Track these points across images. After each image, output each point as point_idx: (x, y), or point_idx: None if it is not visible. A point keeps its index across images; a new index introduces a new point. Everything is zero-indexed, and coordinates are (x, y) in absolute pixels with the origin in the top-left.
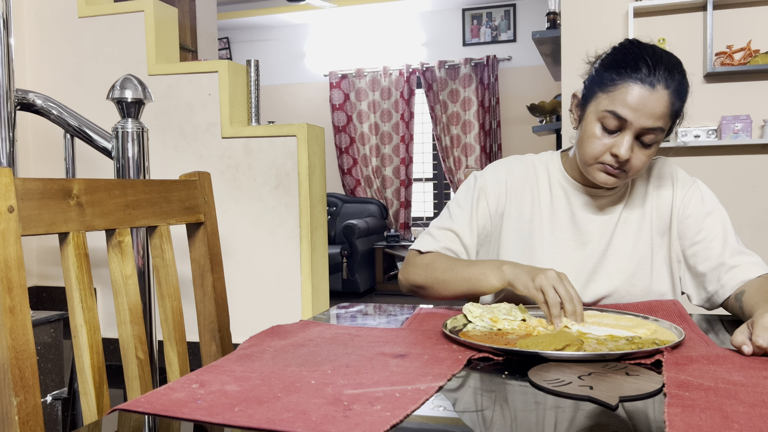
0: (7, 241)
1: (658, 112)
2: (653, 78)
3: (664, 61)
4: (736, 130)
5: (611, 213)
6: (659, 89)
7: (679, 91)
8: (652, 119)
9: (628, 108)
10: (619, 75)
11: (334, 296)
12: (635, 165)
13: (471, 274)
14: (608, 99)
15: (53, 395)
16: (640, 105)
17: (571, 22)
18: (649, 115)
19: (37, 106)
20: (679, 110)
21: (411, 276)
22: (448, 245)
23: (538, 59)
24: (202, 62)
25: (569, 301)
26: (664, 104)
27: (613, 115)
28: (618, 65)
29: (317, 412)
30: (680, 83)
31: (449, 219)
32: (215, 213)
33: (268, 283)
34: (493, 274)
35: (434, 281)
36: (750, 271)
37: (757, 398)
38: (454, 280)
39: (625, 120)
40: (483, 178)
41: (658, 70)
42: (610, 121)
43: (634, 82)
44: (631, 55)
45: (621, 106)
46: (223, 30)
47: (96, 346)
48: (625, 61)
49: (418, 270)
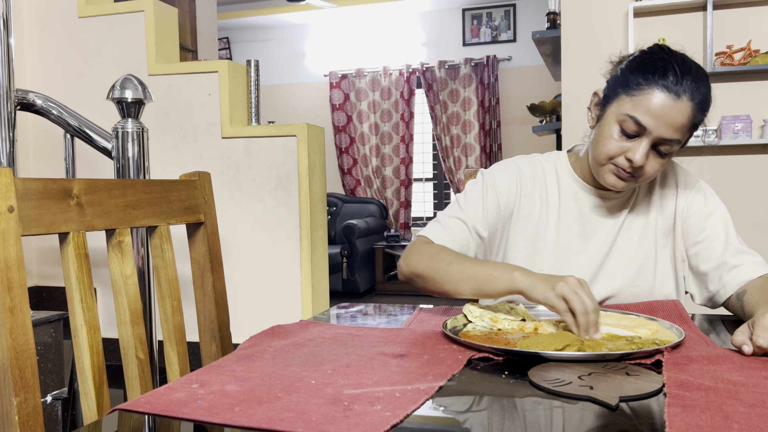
0: (7, 241)
1: (678, 123)
2: (680, 87)
3: (692, 71)
4: (736, 130)
5: (618, 214)
6: (684, 100)
7: (702, 104)
8: (671, 130)
9: (650, 115)
10: (645, 79)
11: (334, 296)
12: (647, 172)
13: (478, 273)
14: (631, 103)
15: (53, 395)
16: (662, 113)
17: (571, 22)
18: (669, 125)
19: (37, 106)
20: (698, 123)
21: (413, 263)
22: (458, 234)
23: (538, 59)
24: (202, 62)
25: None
26: (687, 116)
27: (634, 121)
28: (646, 69)
29: (317, 412)
30: (705, 96)
31: (459, 209)
32: (215, 213)
33: (268, 283)
34: (502, 278)
35: (437, 272)
36: (752, 270)
37: (757, 398)
38: (458, 275)
39: (645, 127)
40: (492, 175)
41: (685, 80)
42: (629, 125)
43: (660, 88)
44: (660, 60)
45: (643, 113)
46: (223, 30)
47: (96, 346)
48: (654, 66)
49: (422, 258)
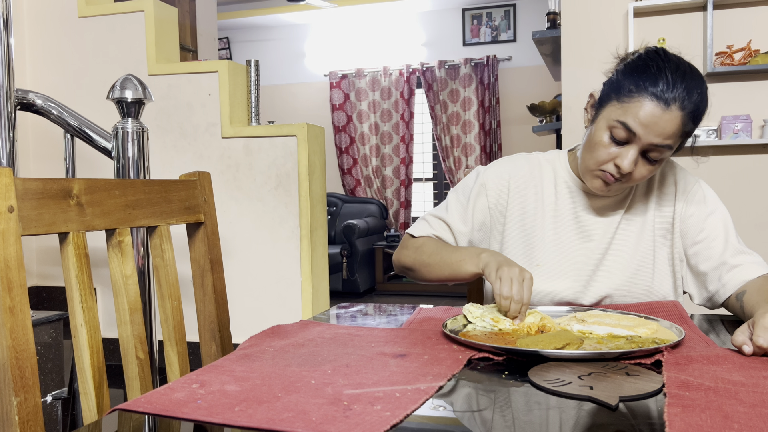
0: (7, 241)
1: (668, 131)
2: (669, 96)
3: (685, 78)
4: (736, 130)
5: (615, 213)
6: (674, 109)
7: (694, 113)
8: (660, 137)
9: (638, 123)
10: (636, 86)
11: (334, 296)
12: (635, 177)
13: (453, 259)
14: (621, 109)
15: (53, 395)
16: (651, 122)
17: (571, 22)
18: (658, 133)
19: (37, 106)
20: (691, 131)
21: (402, 257)
22: (439, 233)
23: (538, 59)
24: (202, 62)
25: (516, 301)
26: (676, 125)
27: (623, 127)
28: (638, 76)
29: (317, 412)
30: (697, 106)
31: (445, 210)
32: (215, 213)
33: (268, 283)
34: (471, 260)
35: (421, 264)
36: (751, 270)
37: (757, 398)
38: (437, 263)
39: (634, 134)
40: (486, 174)
41: (676, 89)
42: (619, 132)
43: (650, 97)
44: (653, 67)
45: (632, 120)
46: (223, 30)
47: (96, 346)
48: (646, 72)
49: (408, 252)
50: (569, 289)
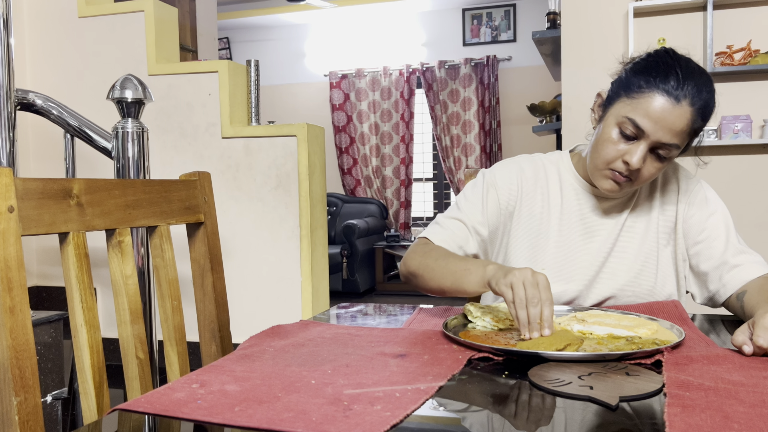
0: (7, 241)
1: (677, 127)
2: (680, 92)
3: (695, 76)
4: (736, 130)
5: (620, 214)
6: (684, 105)
7: (703, 110)
8: (670, 134)
9: (648, 118)
10: (646, 82)
11: (334, 296)
12: (644, 175)
13: (457, 267)
14: (631, 105)
15: (53, 395)
16: (661, 117)
17: (571, 22)
18: (668, 129)
19: (37, 106)
20: (699, 129)
21: (408, 261)
22: (456, 233)
23: (538, 59)
24: (202, 62)
25: (533, 304)
26: (686, 121)
27: (632, 123)
28: (648, 72)
29: (317, 412)
30: (706, 103)
31: (458, 210)
32: (215, 213)
33: (268, 283)
34: (476, 272)
35: (425, 269)
36: (752, 270)
37: (757, 398)
38: (441, 270)
39: (643, 130)
40: (492, 174)
41: (687, 85)
42: (628, 128)
43: (660, 92)
44: (663, 64)
45: (642, 116)
46: (223, 30)
47: (96, 346)
48: (656, 69)
49: (415, 256)
50: (573, 291)
